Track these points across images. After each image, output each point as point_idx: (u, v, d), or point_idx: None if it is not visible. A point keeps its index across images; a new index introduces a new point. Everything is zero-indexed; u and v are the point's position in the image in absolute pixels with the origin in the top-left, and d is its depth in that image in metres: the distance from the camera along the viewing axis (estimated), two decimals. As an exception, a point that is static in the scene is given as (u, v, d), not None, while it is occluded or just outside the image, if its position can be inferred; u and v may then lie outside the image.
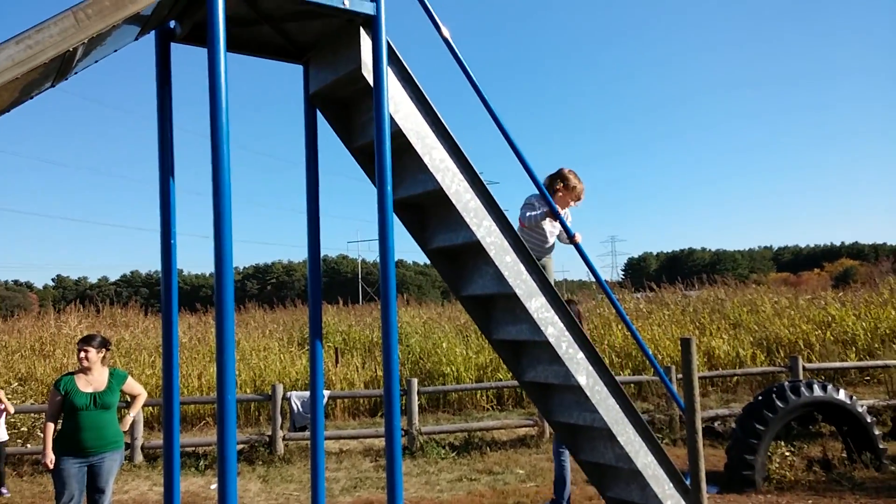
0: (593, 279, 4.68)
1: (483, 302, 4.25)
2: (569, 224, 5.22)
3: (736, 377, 12.06)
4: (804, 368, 9.76)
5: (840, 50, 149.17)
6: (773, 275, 63.45)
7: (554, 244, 5.15)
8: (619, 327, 13.56)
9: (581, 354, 3.95)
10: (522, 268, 3.84)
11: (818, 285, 28.89)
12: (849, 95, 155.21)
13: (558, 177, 5.06)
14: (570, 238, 4.51)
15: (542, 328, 3.83)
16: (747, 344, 13.21)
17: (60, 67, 2.69)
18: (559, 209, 4.66)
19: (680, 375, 4.01)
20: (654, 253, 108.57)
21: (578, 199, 5.11)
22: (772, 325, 13.94)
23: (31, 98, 2.81)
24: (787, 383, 6.98)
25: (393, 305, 3.29)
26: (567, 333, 3.92)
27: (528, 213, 4.81)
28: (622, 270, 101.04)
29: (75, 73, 2.94)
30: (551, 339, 3.84)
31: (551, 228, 5.01)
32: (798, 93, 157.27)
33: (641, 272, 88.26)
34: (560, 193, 5.04)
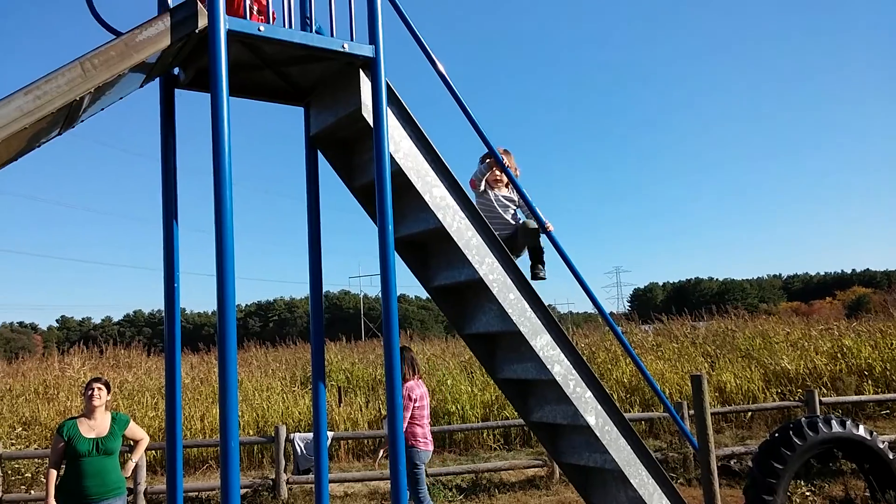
0: (598, 311, 4.59)
1: (487, 340, 4.20)
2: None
3: (750, 413, 11.84)
4: (820, 403, 9.55)
5: (850, 72, 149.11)
6: (783, 304, 62.97)
7: (509, 222, 4.65)
8: (627, 361, 13.40)
9: (589, 393, 3.88)
10: (526, 305, 3.80)
11: (830, 315, 28.45)
12: (858, 119, 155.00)
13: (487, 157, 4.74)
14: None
15: (549, 366, 3.77)
16: (760, 377, 13.00)
17: (68, 116, 2.71)
18: (498, 181, 4.57)
19: (692, 411, 3.91)
20: (661, 283, 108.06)
21: (515, 172, 4.73)
22: (785, 358, 13.73)
23: (39, 146, 2.84)
24: (803, 419, 6.81)
25: (396, 348, 3.25)
26: (574, 371, 3.86)
27: (475, 173, 4.64)
28: (628, 302, 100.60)
29: (82, 122, 2.97)
30: (558, 378, 3.78)
31: (507, 197, 4.67)
32: (806, 120, 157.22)
33: (648, 303, 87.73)
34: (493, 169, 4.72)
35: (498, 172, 4.63)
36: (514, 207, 4.68)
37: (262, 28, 3.04)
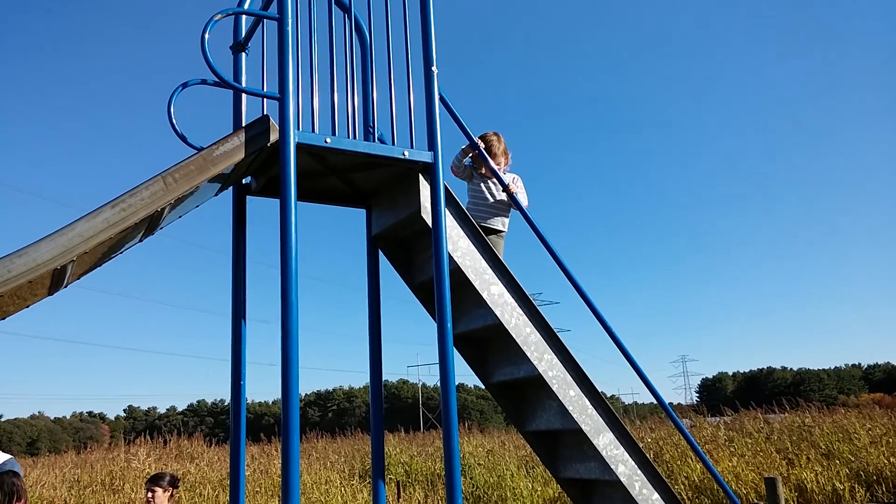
0: (668, 401, 4.45)
1: (548, 438, 4.13)
2: (521, 192, 4.60)
3: (834, 514, 11.00)
4: (910, 505, 8.85)
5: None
6: (864, 396, 59.01)
7: (500, 207, 4.59)
8: (697, 458, 12.72)
9: (656, 495, 3.74)
10: (587, 402, 3.75)
11: (916, 407, 26.61)
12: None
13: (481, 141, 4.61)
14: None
15: (612, 466, 3.67)
16: (843, 476, 12.13)
17: (149, 225, 2.94)
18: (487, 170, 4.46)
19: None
20: (730, 373, 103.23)
21: (505, 157, 4.73)
22: (868, 455, 12.80)
23: (122, 253, 3.06)
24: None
25: (456, 449, 3.24)
26: (640, 472, 3.74)
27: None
28: (696, 392, 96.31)
29: (161, 229, 3.20)
30: (623, 479, 3.67)
31: (490, 186, 4.60)
32: (882, 201, 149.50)
33: (717, 394, 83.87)
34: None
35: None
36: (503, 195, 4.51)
37: (328, 140, 3.25)
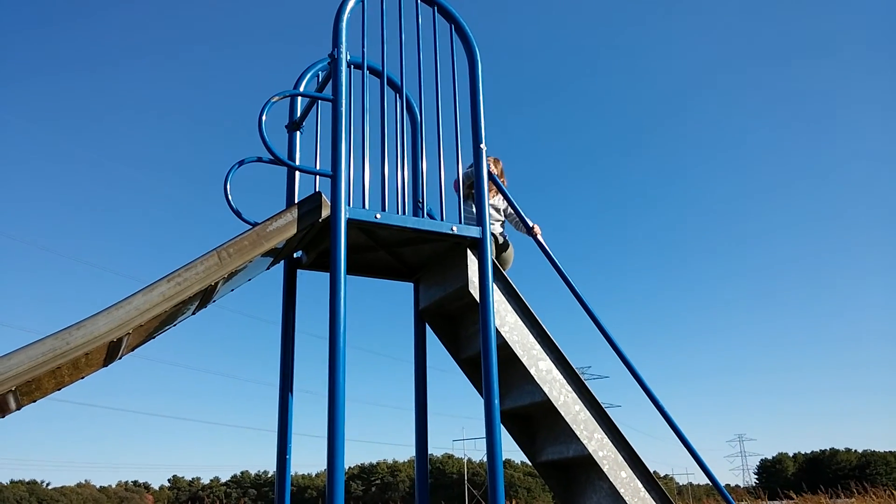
0: (725, 483, 4.23)
1: (600, 522, 3.95)
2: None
3: None
4: None
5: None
6: (936, 480, 55.05)
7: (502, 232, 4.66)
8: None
9: (716, 588, 3.51)
10: (639, 484, 3.60)
11: None
12: None
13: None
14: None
15: (668, 555, 3.48)
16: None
17: (203, 298, 3.01)
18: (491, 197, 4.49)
19: None
20: (791, 454, 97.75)
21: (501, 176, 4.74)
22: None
23: (175, 325, 3.14)
24: None
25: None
26: (697, 562, 3.53)
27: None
28: (755, 474, 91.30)
29: (214, 302, 3.28)
30: (679, 570, 3.46)
31: (495, 208, 4.67)
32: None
33: (777, 476, 79.47)
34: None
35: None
36: (501, 217, 4.68)
37: (378, 216, 3.32)
